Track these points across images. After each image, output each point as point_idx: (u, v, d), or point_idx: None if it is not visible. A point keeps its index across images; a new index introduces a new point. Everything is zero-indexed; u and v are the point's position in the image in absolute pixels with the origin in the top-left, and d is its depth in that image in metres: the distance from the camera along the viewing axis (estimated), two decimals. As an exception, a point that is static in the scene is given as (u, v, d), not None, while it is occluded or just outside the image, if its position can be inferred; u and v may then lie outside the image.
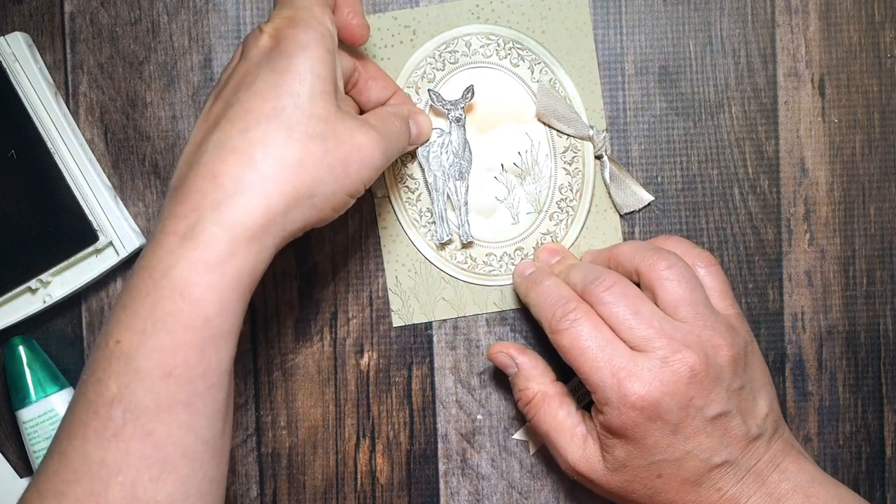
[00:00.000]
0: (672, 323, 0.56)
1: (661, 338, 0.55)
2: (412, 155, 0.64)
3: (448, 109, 0.63)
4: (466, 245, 0.64)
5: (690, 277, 0.57)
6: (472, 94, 0.63)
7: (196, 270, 0.48)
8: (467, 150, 0.63)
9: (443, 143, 0.63)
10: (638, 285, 0.58)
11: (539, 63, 0.64)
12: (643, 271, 0.57)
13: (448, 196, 0.64)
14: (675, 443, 0.55)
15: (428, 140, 0.63)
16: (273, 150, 0.50)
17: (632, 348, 0.55)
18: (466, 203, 0.64)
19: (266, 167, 0.50)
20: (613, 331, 0.56)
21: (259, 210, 0.49)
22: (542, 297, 0.59)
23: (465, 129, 0.63)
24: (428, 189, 0.64)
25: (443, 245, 0.64)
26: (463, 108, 0.63)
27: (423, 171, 0.64)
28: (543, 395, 0.60)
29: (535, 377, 0.61)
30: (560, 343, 0.57)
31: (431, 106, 0.64)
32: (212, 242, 0.48)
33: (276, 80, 0.51)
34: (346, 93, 0.59)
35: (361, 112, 0.60)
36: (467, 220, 0.64)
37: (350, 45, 0.57)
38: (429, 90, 0.63)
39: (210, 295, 0.48)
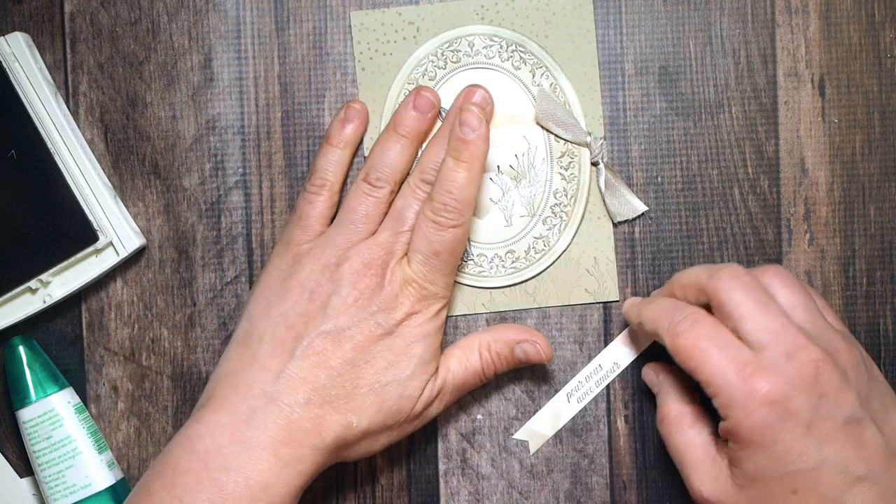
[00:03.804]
0: (795, 325, 0.54)
1: (786, 332, 0.53)
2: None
3: None
4: (466, 261, 0.64)
5: (801, 285, 0.56)
6: None
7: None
8: None
9: None
10: None
11: (541, 67, 0.64)
12: (759, 274, 0.56)
13: None
14: (809, 449, 0.51)
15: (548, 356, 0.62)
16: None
17: (750, 345, 0.53)
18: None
19: (361, 426, 0.58)
20: (735, 322, 0.54)
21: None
22: (656, 311, 0.58)
23: None
24: None
25: None
26: None
27: None
28: (678, 414, 0.59)
29: (671, 394, 0.60)
30: (680, 345, 0.55)
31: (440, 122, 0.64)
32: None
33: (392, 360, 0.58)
34: None
35: None
36: (468, 238, 0.64)
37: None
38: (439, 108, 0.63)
39: None
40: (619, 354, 0.64)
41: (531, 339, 0.61)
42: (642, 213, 0.64)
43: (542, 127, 0.63)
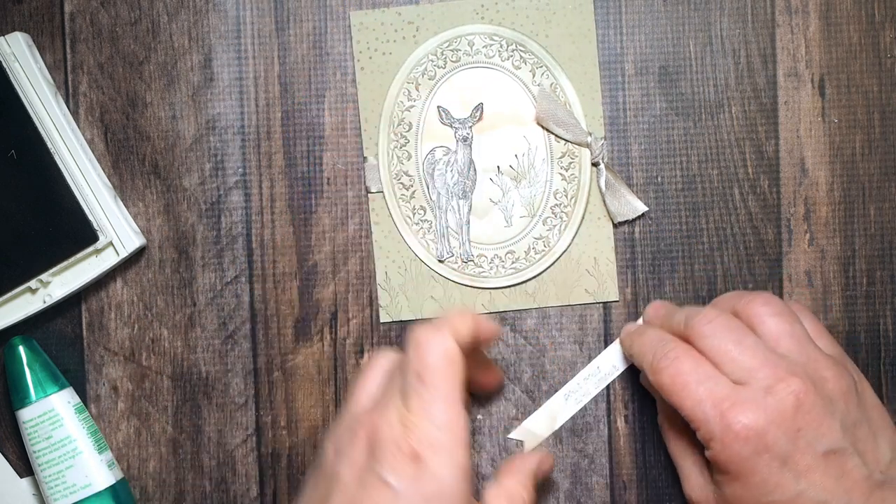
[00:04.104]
0: (776, 353, 0.54)
1: (765, 367, 0.53)
2: (410, 154, 0.64)
3: (455, 128, 0.63)
4: (466, 262, 0.64)
5: (789, 312, 0.56)
6: (482, 112, 0.63)
7: None
8: (472, 169, 0.63)
9: (448, 162, 0.63)
10: None
11: (541, 67, 0.64)
12: (740, 310, 0.57)
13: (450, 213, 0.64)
14: (785, 481, 0.52)
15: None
16: None
17: (734, 382, 0.54)
18: (469, 222, 0.64)
19: None
20: (715, 365, 0.54)
21: None
22: (644, 344, 0.58)
23: (471, 149, 0.63)
24: (430, 206, 0.64)
25: (441, 261, 0.64)
26: (471, 126, 0.63)
27: (427, 188, 0.64)
28: (673, 422, 0.60)
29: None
30: (661, 382, 0.55)
31: (440, 122, 0.64)
32: None
33: None
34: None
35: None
36: (468, 239, 0.64)
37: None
38: (438, 106, 0.63)
39: None
40: (618, 357, 0.64)
41: (541, 460, 0.59)
42: (642, 214, 0.64)
43: (543, 127, 0.63)
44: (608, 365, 0.64)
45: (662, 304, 0.62)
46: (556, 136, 0.63)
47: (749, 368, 0.53)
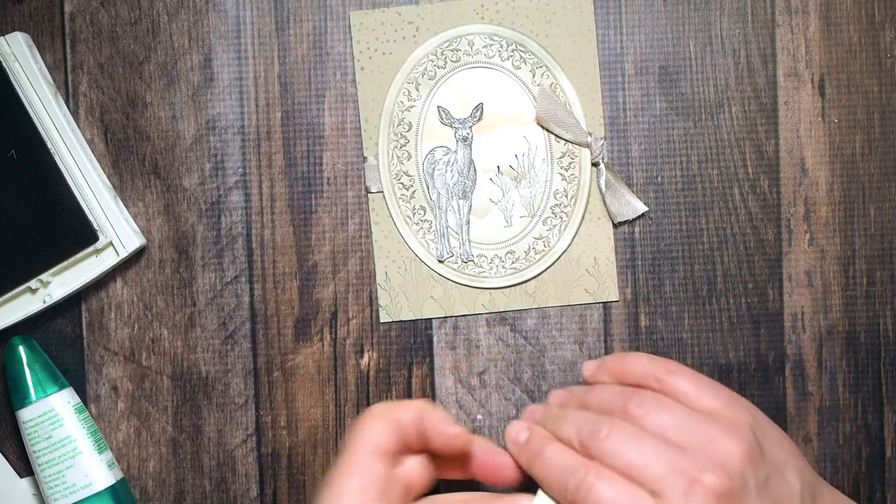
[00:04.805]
0: (676, 448, 0.53)
1: (672, 472, 0.52)
2: (410, 154, 0.64)
3: (455, 128, 0.63)
4: (466, 262, 0.64)
5: (663, 404, 0.55)
6: (482, 112, 0.63)
7: None
8: (472, 169, 0.63)
9: (448, 162, 0.63)
10: None
11: (541, 67, 0.64)
12: (620, 413, 0.55)
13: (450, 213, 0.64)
14: None
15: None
16: None
17: (651, 492, 0.52)
18: (469, 222, 0.64)
19: None
20: (628, 479, 0.53)
21: None
22: (549, 471, 0.56)
23: (471, 149, 0.63)
24: (430, 206, 0.64)
25: (441, 261, 0.64)
26: (471, 126, 0.63)
27: (426, 188, 0.64)
28: None
29: None
30: None
31: (440, 122, 0.64)
32: None
33: None
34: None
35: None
36: (468, 239, 0.64)
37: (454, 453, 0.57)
38: (438, 106, 0.64)
39: None
40: None
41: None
42: (642, 214, 0.64)
43: (543, 127, 0.63)
44: None
45: (535, 411, 0.60)
46: (556, 136, 0.63)
47: (658, 477, 0.52)
